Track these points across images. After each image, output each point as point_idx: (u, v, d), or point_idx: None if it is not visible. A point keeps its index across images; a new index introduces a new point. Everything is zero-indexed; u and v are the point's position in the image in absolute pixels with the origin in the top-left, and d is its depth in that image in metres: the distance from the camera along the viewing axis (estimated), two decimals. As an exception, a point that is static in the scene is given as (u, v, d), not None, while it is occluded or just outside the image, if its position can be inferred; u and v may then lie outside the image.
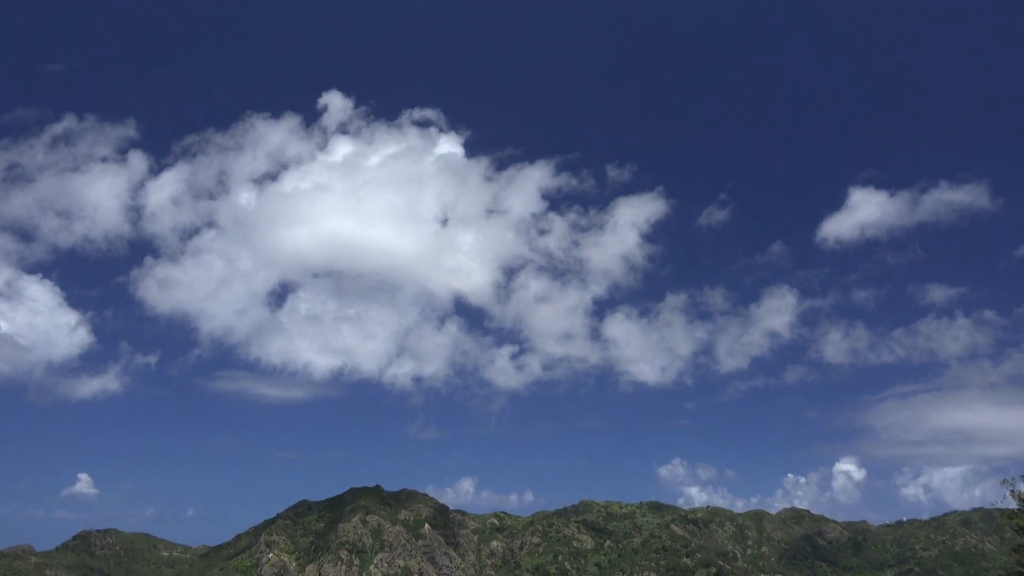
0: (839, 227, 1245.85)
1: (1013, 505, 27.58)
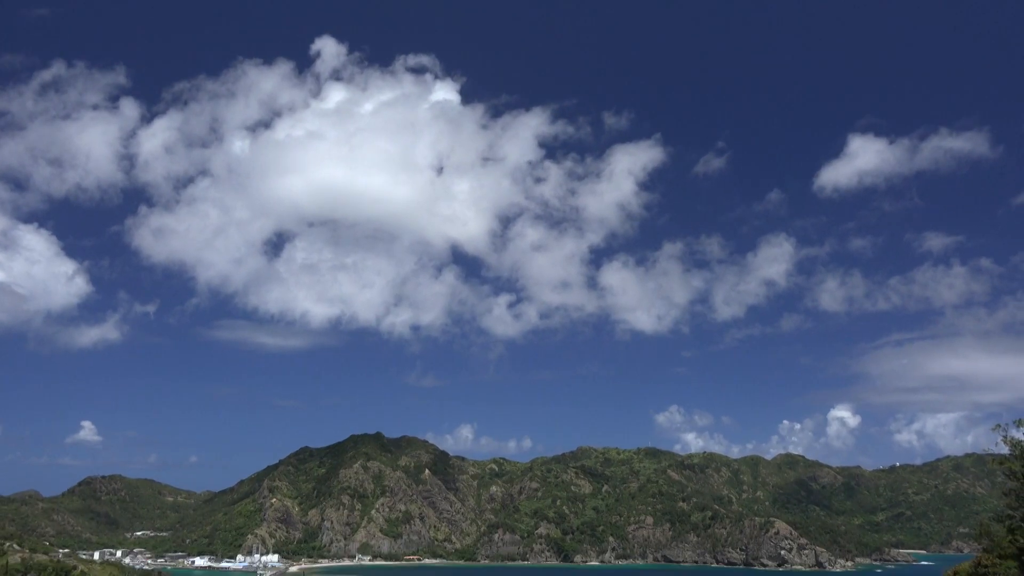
0: (837, 175, 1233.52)
1: (1005, 451, 27.85)
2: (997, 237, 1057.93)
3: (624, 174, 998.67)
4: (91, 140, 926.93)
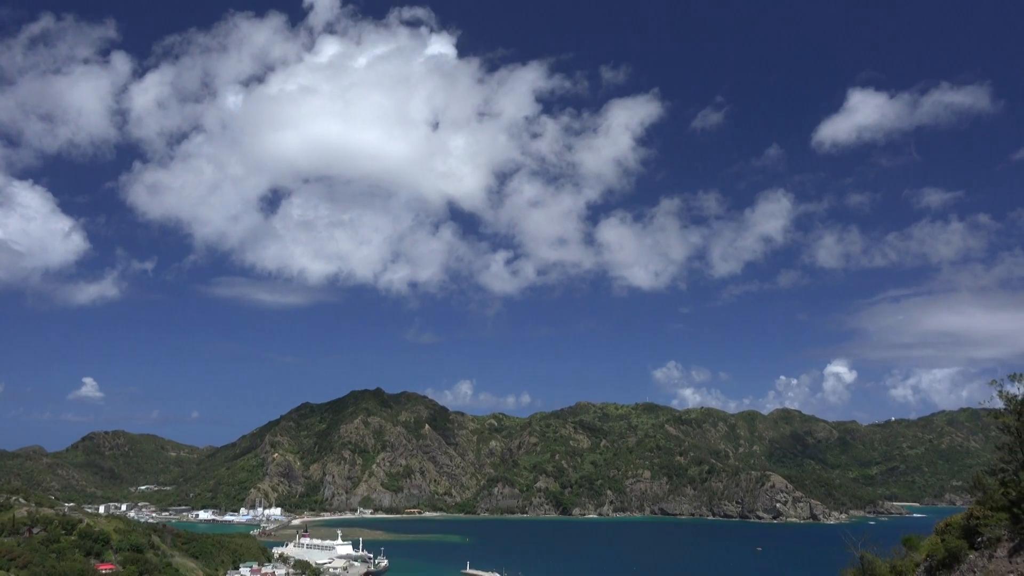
0: (836, 130, 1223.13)
1: (1000, 406, 28.10)
2: (996, 193, 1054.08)
3: (621, 129, 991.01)
4: (82, 95, 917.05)
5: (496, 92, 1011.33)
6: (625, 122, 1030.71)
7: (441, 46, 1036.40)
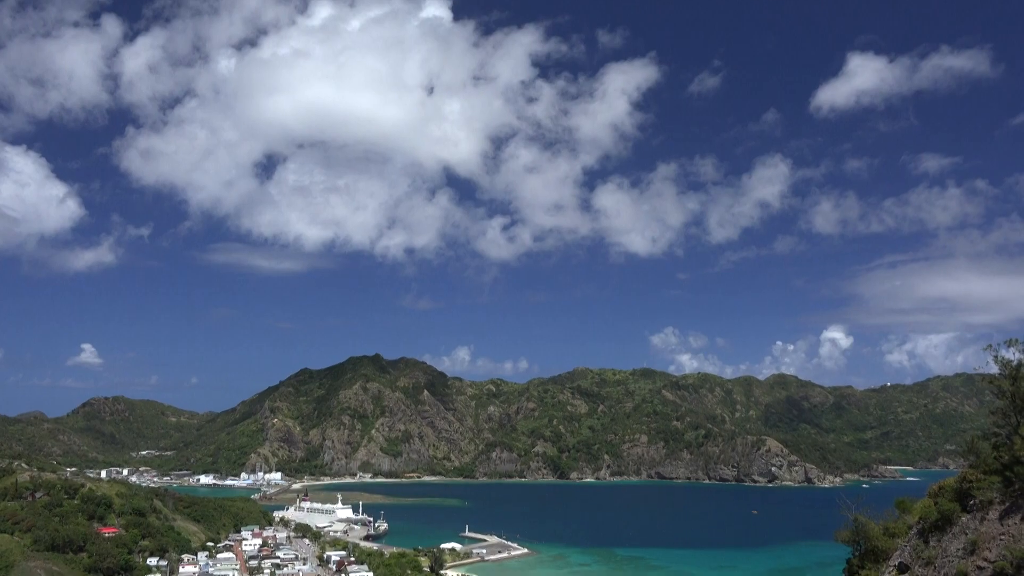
0: (835, 95, 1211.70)
1: (995, 371, 28.30)
2: (994, 158, 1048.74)
3: (618, 93, 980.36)
4: (73, 59, 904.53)
5: (491, 56, 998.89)
6: (622, 86, 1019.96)
7: (436, 8, 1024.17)
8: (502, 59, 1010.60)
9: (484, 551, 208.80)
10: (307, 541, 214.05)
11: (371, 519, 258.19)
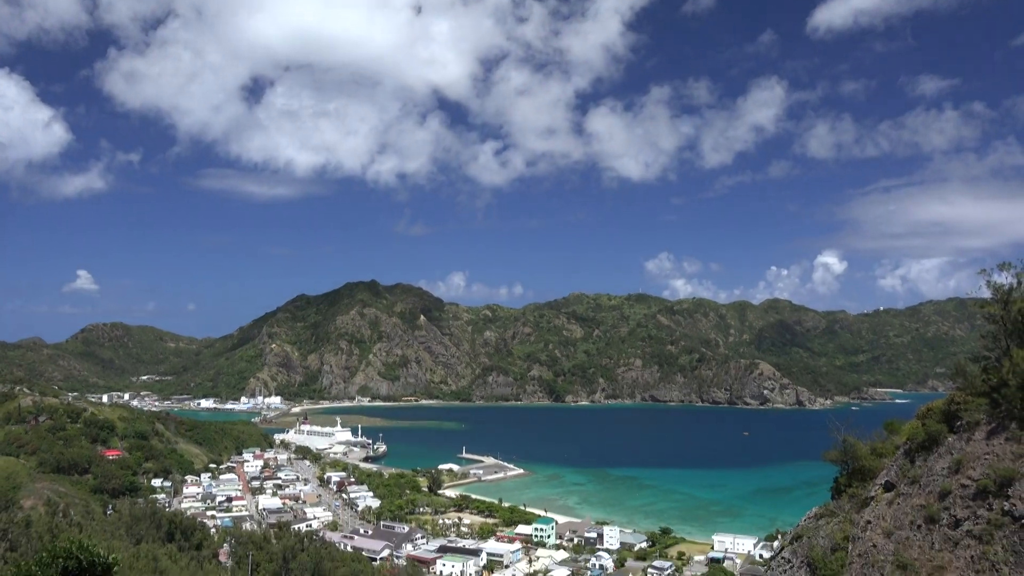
0: (832, 15, 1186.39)
1: (988, 295, 28.49)
2: (992, 80, 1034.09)
3: (610, 13, 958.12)
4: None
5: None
6: (614, 6, 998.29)
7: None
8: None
9: (481, 472, 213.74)
10: (307, 463, 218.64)
11: (370, 441, 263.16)
